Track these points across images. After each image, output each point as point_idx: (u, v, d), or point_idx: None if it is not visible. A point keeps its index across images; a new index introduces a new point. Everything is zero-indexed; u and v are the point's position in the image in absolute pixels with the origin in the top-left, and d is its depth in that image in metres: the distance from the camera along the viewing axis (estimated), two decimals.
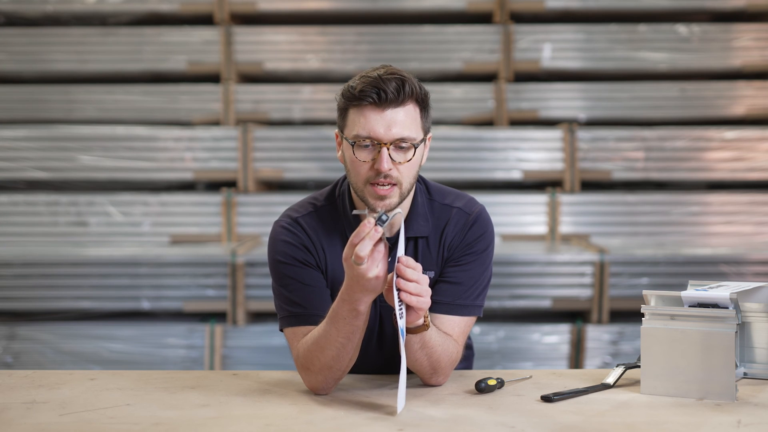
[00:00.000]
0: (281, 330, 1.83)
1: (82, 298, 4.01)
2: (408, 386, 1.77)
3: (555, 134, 4.51)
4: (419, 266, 1.59)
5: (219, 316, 4.05)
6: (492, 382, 1.71)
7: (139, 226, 4.45)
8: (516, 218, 4.47)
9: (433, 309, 1.78)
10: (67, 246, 4.33)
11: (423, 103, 1.75)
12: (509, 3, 4.78)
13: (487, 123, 4.77)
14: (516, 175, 4.53)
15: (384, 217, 1.56)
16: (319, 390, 1.73)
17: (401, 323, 1.57)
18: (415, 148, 1.72)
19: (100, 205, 4.45)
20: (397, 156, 1.71)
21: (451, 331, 1.78)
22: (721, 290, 1.71)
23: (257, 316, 4.09)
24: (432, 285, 1.76)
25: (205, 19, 4.89)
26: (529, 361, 3.96)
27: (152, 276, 3.98)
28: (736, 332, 1.65)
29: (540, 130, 4.56)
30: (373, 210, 1.73)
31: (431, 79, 4.89)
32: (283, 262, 1.80)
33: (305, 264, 1.80)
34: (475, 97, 4.75)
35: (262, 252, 4.00)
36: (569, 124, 4.59)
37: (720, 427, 1.48)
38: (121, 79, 4.91)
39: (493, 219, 2.01)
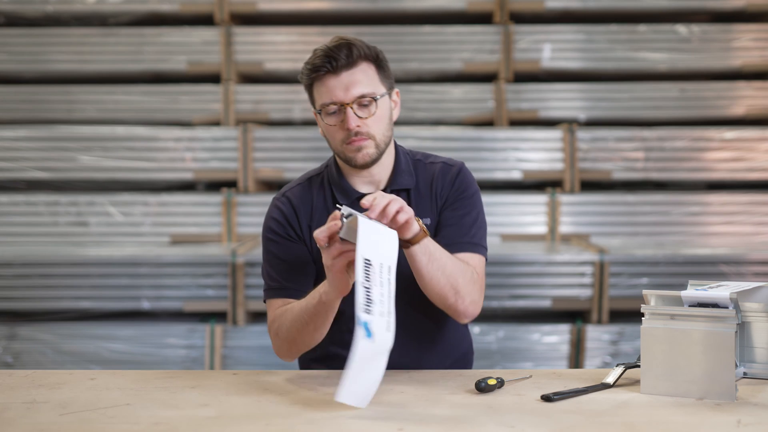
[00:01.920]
0: (264, 301, 1.99)
1: (82, 298, 4.01)
2: (408, 386, 1.77)
3: (555, 134, 4.51)
4: (376, 194, 1.67)
5: (219, 316, 4.05)
6: (492, 382, 1.71)
7: (139, 226, 4.45)
8: (516, 218, 4.47)
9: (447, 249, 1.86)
10: (68, 246, 4.33)
11: (376, 61, 1.91)
12: (509, 3, 4.79)
13: (487, 123, 4.78)
14: (516, 175, 4.54)
15: (345, 213, 1.62)
16: (283, 356, 1.93)
17: (362, 316, 1.54)
18: (377, 102, 1.87)
19: (101, 205, 4.45)
20: (362, 112, 1.86)
21: (469, 260, 1.90)
22: (721, 290, 1.71)
23: (257, 316, 4.10)
24: (433, 234, 1.91)
25: (205, 20, 4.90)
26: (529, 361, 3.97)
27: (152, 276, 3.98)
28: (736, 332, 1.65)
29: (540, 130, 4.56)
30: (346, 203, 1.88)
31: (431, 79, 4.89)
32: (268, 238, 1.97)
33: (288, 239, 1.95)
34: (475, 97, 4.75)
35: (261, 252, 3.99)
36: (569, 124, 4.59)
37: (720, 427, 1.48)
38: (122, 80, 4.91)
39: (493, 219, 2.09)
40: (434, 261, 1.77)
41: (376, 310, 1.56)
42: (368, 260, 1.56)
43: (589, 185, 4.63)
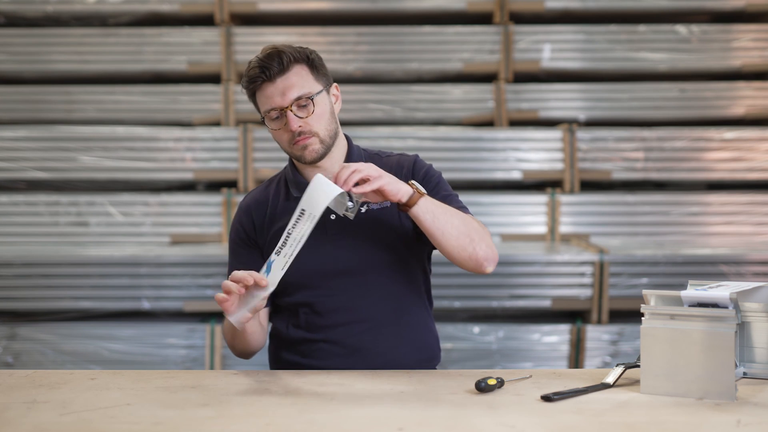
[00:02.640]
0: None
1: (83, 298, 4.01)
2: (408, 386, 1.77)
3: (555, 134, 4.51)
4: (346, 165, 1.82)
5: (219, 316, 4.05)
6: (492, 382, 1.71)
7: (139, 226, 4.45)
8: (516, 218, 4.47)
9: None
10: (68, 246, 4.33)
11: (308, 62, 2.00)
12: (509, 3, 4.79)
13: (487, 123, 4.78)
14: (516, 176, 4.54)
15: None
16: (235, 355, 2.09)
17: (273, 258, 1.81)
18: (313, 100, 1.96)
19: (101, 205, 4.45)
20: (301, 113, 1.96)
21: None
22: (721, 290, 1.71)
23: None
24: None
25: (205, 20, 4.90)
26: (529, 361, 3.97)
27: (152, 276, 3.98)
28: (736, 332, 1.65)
29: (540, 130, 4.56)
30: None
31: (431, 79, 4.89)
32: (230, 240, 2.13)
33: (244, 244, 2.08)
34: (475, 98, 4.75)
35: None
36: (569, 124, 4.59)
37: (720, 427, 1.48)
38: (122, 80, 4.91)
39: (493, 219, 2.15)
40: (439, 217, 1.89)
41: (282, 251, 1.79)
42: (303, 210, 1.79)
43: (589, 185, 4.64)
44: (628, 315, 4.00)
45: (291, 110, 1.94)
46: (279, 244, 1.80)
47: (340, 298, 2.01)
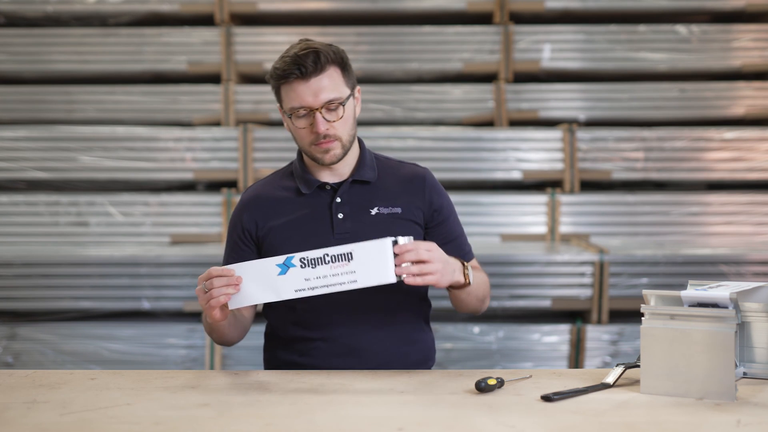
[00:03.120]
0: None
1: (82, 298, 4.01)
2: (408, 386, 1.77)
3: (555, 134, 4.51)
4: (411, 243, 1.75)
5: None
6: (492, 382, 1.71)
7: (139, 226, 4.45)
8: (516, 218, 4.47)
9: None
10: (68, 246, 4.33)
11: (342, 64, 1.98)
12: (509, 3, 4.79)
13: (487, 123, 4.78)
14: (516, 176, 4.54)
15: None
16: (215, 342, 2.08)
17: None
18: (344, 105, 1.95)
19: (101, 205, 4.45)
20: (330, 116, 1.95)
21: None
22: (721, 290, 1.71)
23: (257, 316, 4.08)
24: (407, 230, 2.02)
25: (205, 20, 4.90)
26: (529, 361, 3.97)
27: (152, 276, 3.98)
28: (736, 332, 1.65)
29: (540, 130, 4.56)
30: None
31: (431, 79, 4.89)
32: (228, 232, 2.11)
33: (241, 240, 2.07)
34: (475, 98, 4.75)
35: None
36: (569, 124, 4.59)
37: (720, 427, 1.48)
38: (122, 80, 4.91)
39: (493, 219, 2.20)
40: (471, 292, 1.96)
41: (309, 273, 1.73)
42: (350, 255, 1.71)
43: (589, 185, 4.63)
44: (628, 315, 4.00)
45: (320, 112, 1.93)
46: (311, 257, 1.74)
47: (341, 297, 2.00)
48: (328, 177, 2.05)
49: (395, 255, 1.71)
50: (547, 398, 1.64)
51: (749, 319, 1.77)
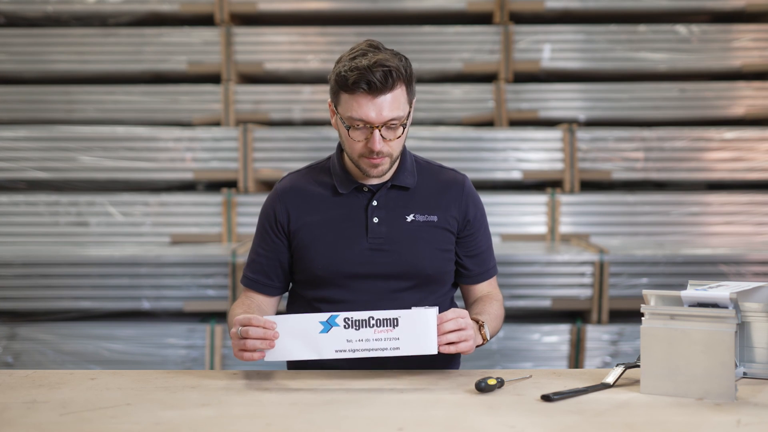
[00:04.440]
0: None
1: (83, 298, 4.01)
2: (408, 386, 1.77)
3: (555, 134, 4.51)
4: (453, 312, 1.80)
5: (219, 316, 4.06)
6: (492, 382, 1.71)
7: (139, 226, 4.45)
8: (516, 218, 4.47)
9: (474, 281, 2.12)
10: (68, 246, 4.33)
11: (408, 80, 1.92)
12: (509, 3, 4.79)
13: (487, 123, 4.78)
14: (516, 176, 4.54)
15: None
16: None
17: None
18: (404, 126, 1.92)
19: (101, 205, 4.45)
20: (388, 134, 1.91)
21: (493, 288, 2.14)
22: (721, 290, 1.71)
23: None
24: (437, 227, 2.02)
25: (205, 20, 4.90)
26: (529, 361, 3.97)
27: (152, 276, 3.98)
28: (736, 332, 1.65)
29: (540, 130, 4.56)
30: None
31: (431, 79, 4.89)
32: (259, 224, 2.09)
33: (272, 231, 2.05)
34: (475, 98, 4.75)
35: None
36: (569, 124, 4.59)
37: (720, 427, 1.48)
38: (122, 80, 4.91)
39: (493, 219, 2.19)
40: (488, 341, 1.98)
41: (352, 335, 1.74)
42: (396, 321, 1.73)
43: (589, 185, 4.63)
44: (628, 315, 4.00)
45: (380, 130, 1.88)
46: (356, 318, 1.76)
47: (368, 301, 1.98)
48: (366, 179, 2.02)
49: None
50: (547, 398, 1.64)
51: (749, 319, 1.77)
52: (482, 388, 1.70)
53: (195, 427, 1.50)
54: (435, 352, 1.75)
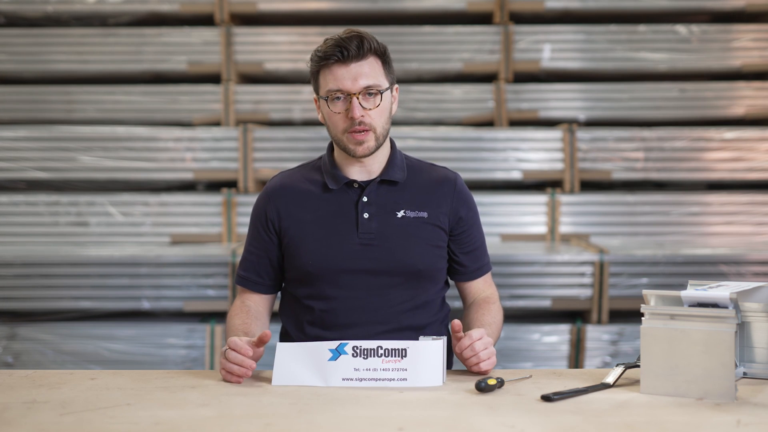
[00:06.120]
0: None
1: (82, 298, 4.01)
2: (407, 386, 1.77)
3: (555, 134, 4.51)
4: (472, 337, 1.83)
5: (219, 316, 4.06)
6: (492, 382, 1.71)
7: (139, 226, 4.45)
8: (516, 218, 4.47)
9: (471, 277, 2.14)
10: (68, 246, 4.33)
11: (383, 57, 1.98)
12: (509, 3, 4.79)
13: (487, 123, 4.78)
14: (516, 176, 4.54)
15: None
16: None
17: None
18: (382, 94, 1.95)
19: (101, 205, 4.45)
20: (367, 103, 1.94)
21: (489, 287, 2.18)
22: (721, 290, 1.71)
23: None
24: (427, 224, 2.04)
25: (205, 20, 4.90)
26: (529, 361, 3.97)
27: (152, 276, 3.98)
28: (736, 332, 1.65)
29: (540, 130, 4.56)
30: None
31: (431, 79, 4.89)
32: (251, 218, 2.13)
33: (264, 228, 2.08)
34: (475, 98, 4.75)
35: None
36: (569, 124, 4.59)
37: (719, 427, 1.48)
38: (122, 80, 4.91)
39: (493, 219, 2.22)
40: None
41: (360, 363, 1.76)
42: (404, 351, 1.75)
43: (589, 185, 4.63)
44: (628, 315, 4.00)
45: (357, 97, 1.92)
46: (364, 347, 1.78)
47: (361, 297, 1.99)
48: (356, 174, 2.03)
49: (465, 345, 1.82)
50: (547, 398, 1.64)
51: (749, 319, 1.77)
52: (482, 388, 1.70)
53: (195, 427, 1.50)
54: (441, 384, 1.76)
